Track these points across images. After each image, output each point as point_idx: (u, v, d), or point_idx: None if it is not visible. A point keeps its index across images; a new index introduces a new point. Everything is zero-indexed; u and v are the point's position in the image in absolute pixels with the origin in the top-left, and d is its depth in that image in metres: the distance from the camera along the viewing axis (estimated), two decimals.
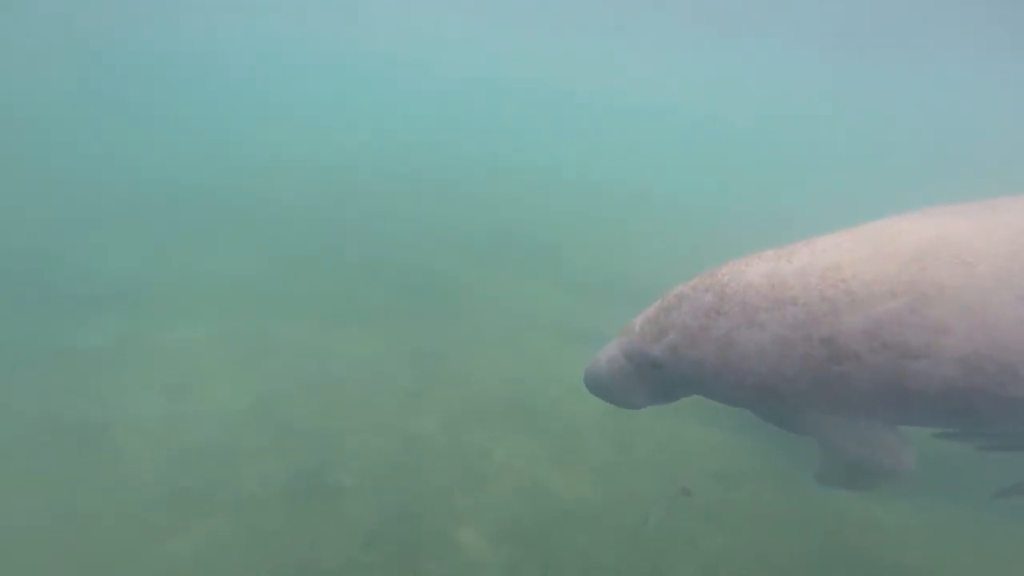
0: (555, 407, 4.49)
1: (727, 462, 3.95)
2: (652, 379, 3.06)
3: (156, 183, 9.44)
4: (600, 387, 3.19)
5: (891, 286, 2.55)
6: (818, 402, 2.75)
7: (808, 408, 2.80)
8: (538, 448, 4.02)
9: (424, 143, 15.43)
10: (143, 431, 3.91)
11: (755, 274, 2.83)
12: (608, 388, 3.16)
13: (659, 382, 3.07)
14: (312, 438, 3.97)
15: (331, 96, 23.42)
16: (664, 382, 3.06)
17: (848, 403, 2.71)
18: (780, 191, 13.66)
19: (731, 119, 27.87)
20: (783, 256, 2.87)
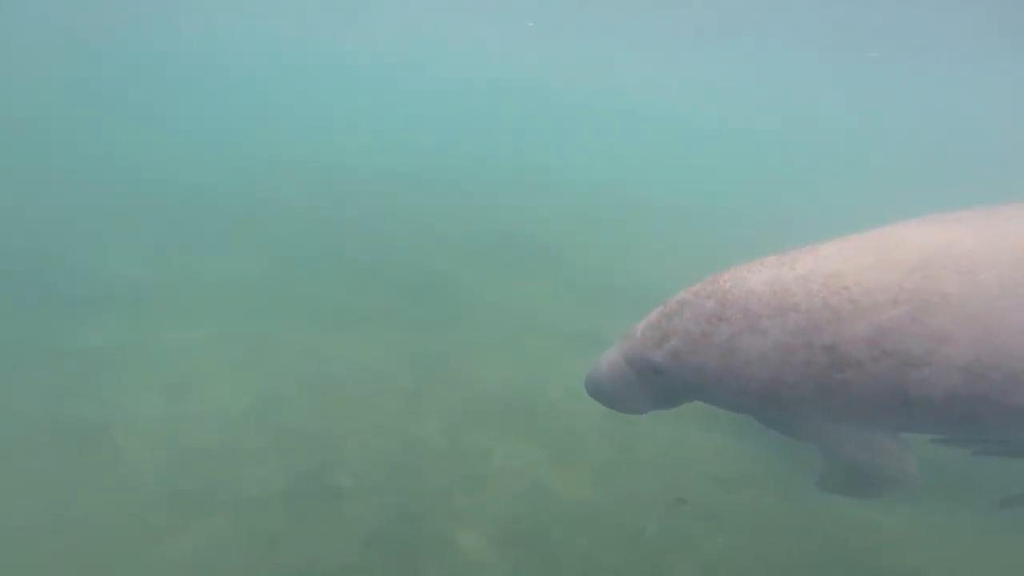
0: (555, 408, 4.50)
1: (728, 466, 3.96)
2: (653, 385, 3.06)
3: (157, 183, 9.43)
4: (601, 392, 3.20)
5: (894, 294, 2.55)
6: (820, 409, 2.76)
7: (810, 415, 2.80)
8: (538, 449, 4.03)
9: (424, 144, 15.43)
10: (143, 432, 3.91)
11: (757, 281, 2.83)
12: (609, 393, 3.17)
13: (660, 388, 3.07)
14: (312, 439, 3.97)
15: (331, 96, 23.41)
16: (665, 388, 3.06)
17: (850, 410, 2.71)
18: (780, 192, 13.68)
19: (732, 121, 27.88)
20: (785, 263, 2.87)
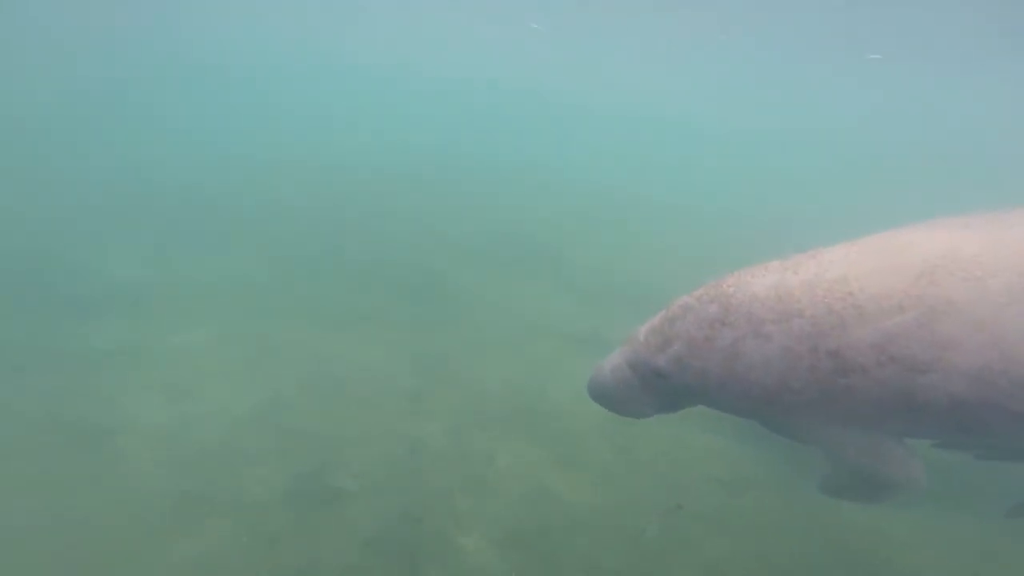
0: (557, 410, 4.50)
1: (730, 468, 3.95)
2: (656, 389, 3.06)
3: (157, 184, 9.42)
4: (604, 396, 3.20)
5: (899, 300, 2.54)
6: (824, 414, 2.75)
7: (814, 419, 2.80)
8: (540, 451, 4.02)
9: (425, 144, 15.42)
10: (145, 434, 3.91)
11: (761, 285, 2.83)
12: (612, 397, 3.17)
13: (663, 392, 3.06)
14: (313, 440, 3.97)
15: (332, 97, 23.39)
16: (668, 392, 3.06)
17: (855, 416, 2.70)
18: (780, 193, 13.67)
19: (732, 121, 27.84)
20: (789, 267, 2.86)
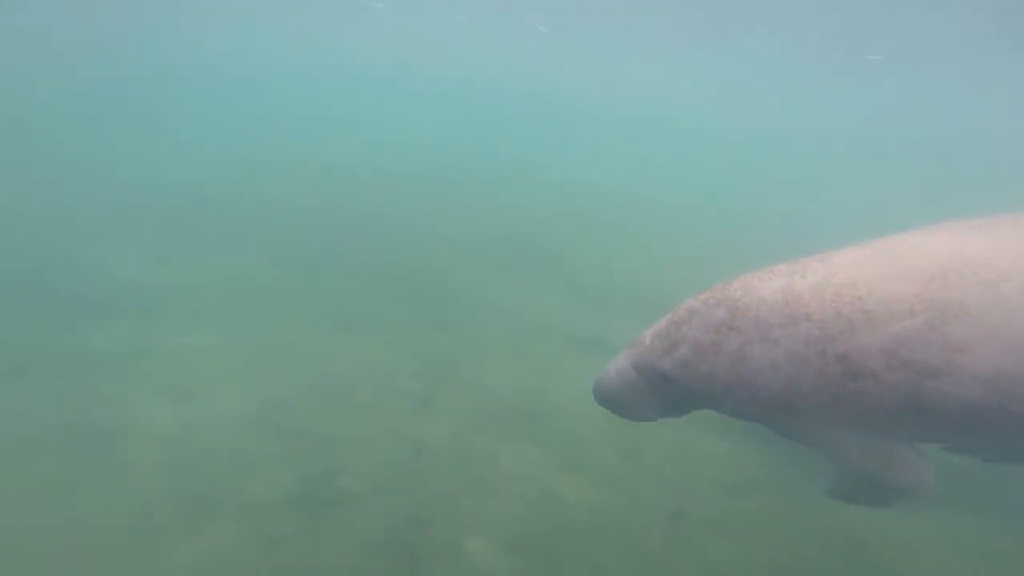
0: (561, 413, 4.49)
1: (734, 471, 3.94)
2: (662, 393, 3.04)
3: (158, 185, 9.44)
4: (609, 400, 3.19)
5: (910, 304, 2.52)
6: (833, 418, 2.73)
7: (822, 424, 2.78)
8: (546, 455, 4.02)
9: (426, 145, 15.42)
10: (151, 436, 3.91)
11: (768, 289, 2.81)
12: (617, 401, 3.16)
13: (669, 396, 3.05)
14: (320, 444, 3.97)
15: (332, 97, 23.41)
16: (674, 396, 3.05)
17: (864, 420, 2.68)
18: (781, 194, 13.60)
19: (732, 123, 27.72)
20: (797, 271, 2.84)
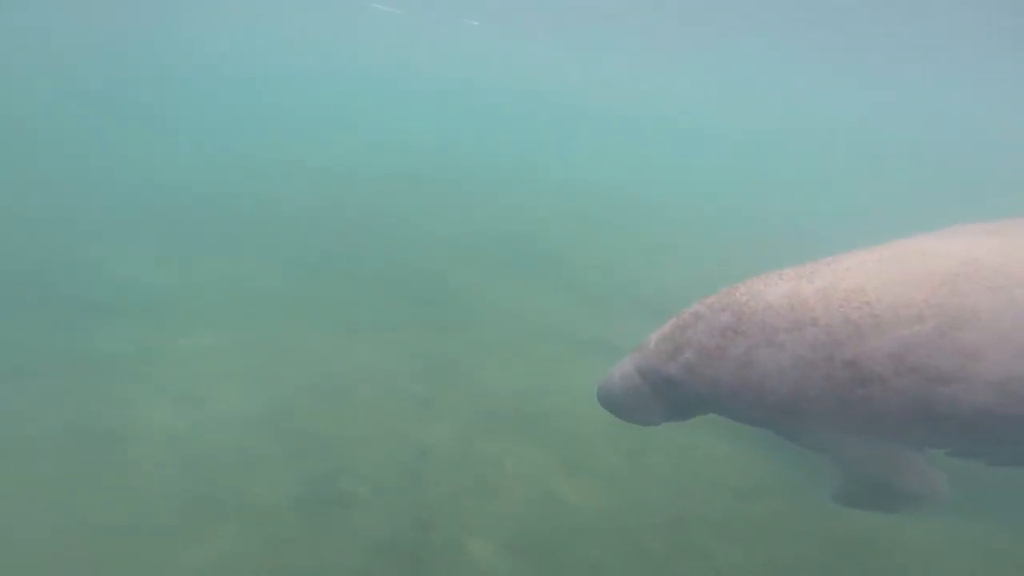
0: (564, 414, 4.47)
1: (739, 474, 3.92)
2: (667, 397, 3.03)
3: (158, 185, 9.45)
4: (614, 404, 3.18)
5: (919, 309, 2.49)
6: (841, 424, 2.71)
7: (830, 429, 2.76)
8: (549, 457, 4.00)
9: (425, 145, 15.42)
10: (156, 438, 3.92)
11: (775, 294, 2.78)
12: (622, 405, 3.14)
13: (674, 400, 3.04)
14: (321, 445, 3.97)
15: (332, 97, 23.43)
16: (679, 400, 3.03)
17: (873, 426, 2.66)
18: (782, 194, 13.53)
19: (733, 123, 27.63)
20: (803, 275, 2.81)
